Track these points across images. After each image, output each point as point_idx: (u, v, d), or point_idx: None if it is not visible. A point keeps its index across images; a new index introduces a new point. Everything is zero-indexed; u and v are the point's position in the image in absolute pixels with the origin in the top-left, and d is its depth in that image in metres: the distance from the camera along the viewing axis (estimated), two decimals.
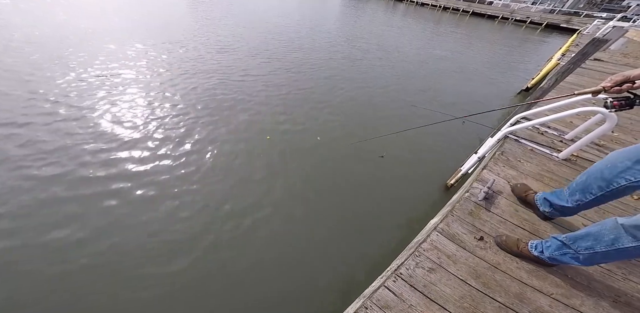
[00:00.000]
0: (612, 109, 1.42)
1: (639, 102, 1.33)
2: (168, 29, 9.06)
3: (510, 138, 2.53)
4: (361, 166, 3.54)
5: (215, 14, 12.54)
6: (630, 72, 1.18)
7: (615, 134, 2.90)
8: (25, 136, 3.44)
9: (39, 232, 2.37)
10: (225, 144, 3.67)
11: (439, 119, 2.27)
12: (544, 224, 1.64)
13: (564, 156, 2.27)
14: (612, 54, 8.34)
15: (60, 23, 8.26)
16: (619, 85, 1.21)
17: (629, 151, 1.17)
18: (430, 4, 32.92)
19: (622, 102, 1.38)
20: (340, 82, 6.17)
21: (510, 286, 1.31)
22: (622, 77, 1.19)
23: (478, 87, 6.98)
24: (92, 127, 3.75)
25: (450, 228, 1.58)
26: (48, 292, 1.99)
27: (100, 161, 3.18)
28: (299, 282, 2.22)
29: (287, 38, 9.59)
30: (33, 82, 4.70)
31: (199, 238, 2.47)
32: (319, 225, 2.71)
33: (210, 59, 6.69)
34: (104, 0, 12.60)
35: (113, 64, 5.76)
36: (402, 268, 1.37)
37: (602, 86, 1.26)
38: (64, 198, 2.70)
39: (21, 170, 2.95)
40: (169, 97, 4.72)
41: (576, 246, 1.17)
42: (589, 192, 1.31)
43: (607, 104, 1.43)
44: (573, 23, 23.17)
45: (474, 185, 1.90)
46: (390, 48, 9.92)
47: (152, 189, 2.89)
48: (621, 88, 1.21)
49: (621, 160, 1.18)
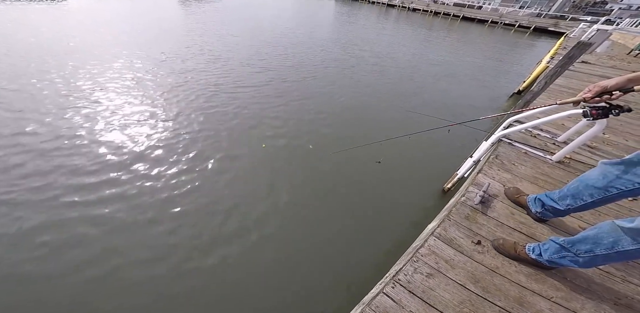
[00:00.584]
0: (590, 118, 1.54)
1: (614, 113, 1.46)
2: (161, 39, 9.09)
3: (504, 141, 2.56)
4: (358, 172, 3.54)
5: (209, 26, 12.63)
6: (607, 83, 1.27)
7: (607, 136, 2.95)
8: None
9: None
10: (222, 153, 3.66)
11: (433, 124, 2.31)
12: (540, 227, 1.65)
13: (557, 159, 2.30)
14: (599, 56, 8.57)
15: (49, 37, 8.16)
16: (598, 96, 1.30)
17: (619, 162, 1.22)
18: (422, 10, 33.58)
19: (599, 111, 1.51)
20: (336, 89, 6.22)
21: (509, 290, 1.31)
22: (600, 88, 1.28)
23: (471, 91, 7.08)
24: (84, 145, 3.71)
25: (447, 232, 1.58)
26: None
27: (92, 181, 3.05)
28: (297, 290, 2.19)
29: (282, 47, 9.65)
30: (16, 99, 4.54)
31: (202, 246, 2.44)
32: (315, 232, 2.69)
33: (203, 69, 6.66)
34: (92, 14, 12.57)
35: (99, 78, 5.60)
36: (401, 274, 1.36)
37: (583, 97, 1.35)
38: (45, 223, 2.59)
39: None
40: (164, 109, 4.71)
41: (575, 250, 1.18)
42: (580, 198, 1.34)
43: (587, 113, 1.56)
44: (560, 26, 23.78)
45: (469, 189, 1.91)
46: (383, 54, 10.05)
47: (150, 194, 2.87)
48: (601, 99, 1.30)
49: (611, 170, 1.23)
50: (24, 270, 2.15)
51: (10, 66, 5.77)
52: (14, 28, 8.70)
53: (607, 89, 1.27)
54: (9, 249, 2.28)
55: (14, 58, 6.20)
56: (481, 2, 33.20)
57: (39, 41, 7.48)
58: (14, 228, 2.44)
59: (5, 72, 5.43)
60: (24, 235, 2.41)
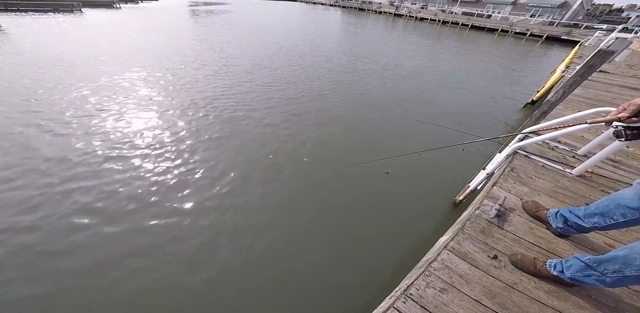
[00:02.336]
0: (623, 138, 1.29)
1: None
2: (172, 53, 9.43)
3: (520, 153, 2.50)
4: (366, 183, 3.49)
5: (215, 37, 13.03)
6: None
7: (631, 149, 2.82)
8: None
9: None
10: (229, 165, 3.69)
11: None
12: (561, 242, 1.58)
13: (577, 173, 2.21)
14: (618, 65, 8.34)
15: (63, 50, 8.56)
16: (635, 115, 1.21)
17: None
18: (430, 19, 33.64)
19: (634, 132, 1.27)
20: (344, 101, 6.24)
21: (529, 307, 1.25)
22: (637, 107, 1.19)
23: (482, 101, 6.98)
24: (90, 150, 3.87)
25: (461, 246, 1.54)
26: None
27: (103, 190, 3.11)
28: (304, 303, 2.15)
29: (290, 60, 9.75)
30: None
31: (206, 255, 2.46)
32: (324, 244, 2.66)
33: (207, 80, 6.75)
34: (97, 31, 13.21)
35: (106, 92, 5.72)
36: (412, 288, 1.32)
37: (618, 117, 1.24)
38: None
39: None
40: (171, 121, 4.87)
41: (602, 269, 1.12)
42: (610, 217, 1.28)
43: (620, 133, 1.29)
44: (574, 35, 23.33)
45: (484, 202, 1.86)
46: (391, 66, 10.02)
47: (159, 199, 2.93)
48: (638, 119, 1.21)
49: None
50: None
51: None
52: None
53: None
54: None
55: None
56: (490, 11, 32.98)
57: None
58: None
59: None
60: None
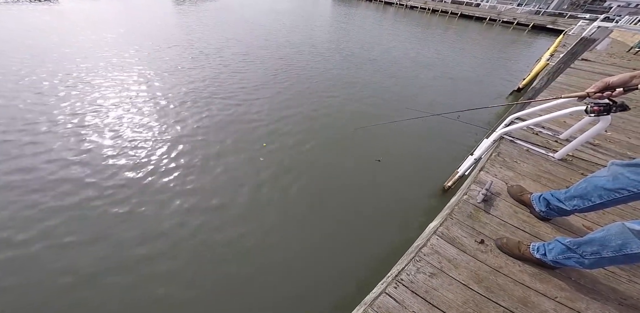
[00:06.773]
0: (592, 114, 1.54)
1: (614, 110, 1.46)
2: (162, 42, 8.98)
3: (506, 138, 2.53)
4: (357, 170, 3.51)
5: (205, 28, 12.48)
6: (609, 79, 1.26)
7: (609, 134, 2.92)
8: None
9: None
10: (223, 152, 3.63)
11: (433, 120, 2.26)
12: (544, 226, 1.63)
13: (559, 156, 2.27)
14: (599, 54, 8.53)
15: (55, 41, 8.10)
16: (601, 91, 1.29)
17: (631, 164, 1.19)
18: (420, 7, 33.28)
19: (600, 108, 1.50)
20: (334, 89, 6.18)
21: (513, 290, 1.29)
22: (603, 84, 1.27)
23: (471, 89, 7.05)
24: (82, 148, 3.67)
25: (450, 231, 1.56)
26: None
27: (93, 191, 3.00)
28: (297, 290, 2.17)
29: (283, 50, 9.48)
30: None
31: (199, 245, 2.41)
32: (315, 231, 2.66)
33: (197, 71, 6.51)
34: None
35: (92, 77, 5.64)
36: (403, 273, 1.34)
37: (587, 92, 1.35)
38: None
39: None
40: (160, 110, 4.66)
41: (581, 251, 1.15)
42: (588, 199, 1.32)
43: (588, 109, 1.56)
44: (559, 24, 23.63)
45: (472, 187, 1.88)
46: (381, 55, 9.95)
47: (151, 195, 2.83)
48: (602, 95, 1.29)
49: (622, 171, 1.20)
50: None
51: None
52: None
53: (609, 85, 1.26)
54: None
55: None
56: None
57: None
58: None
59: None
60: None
